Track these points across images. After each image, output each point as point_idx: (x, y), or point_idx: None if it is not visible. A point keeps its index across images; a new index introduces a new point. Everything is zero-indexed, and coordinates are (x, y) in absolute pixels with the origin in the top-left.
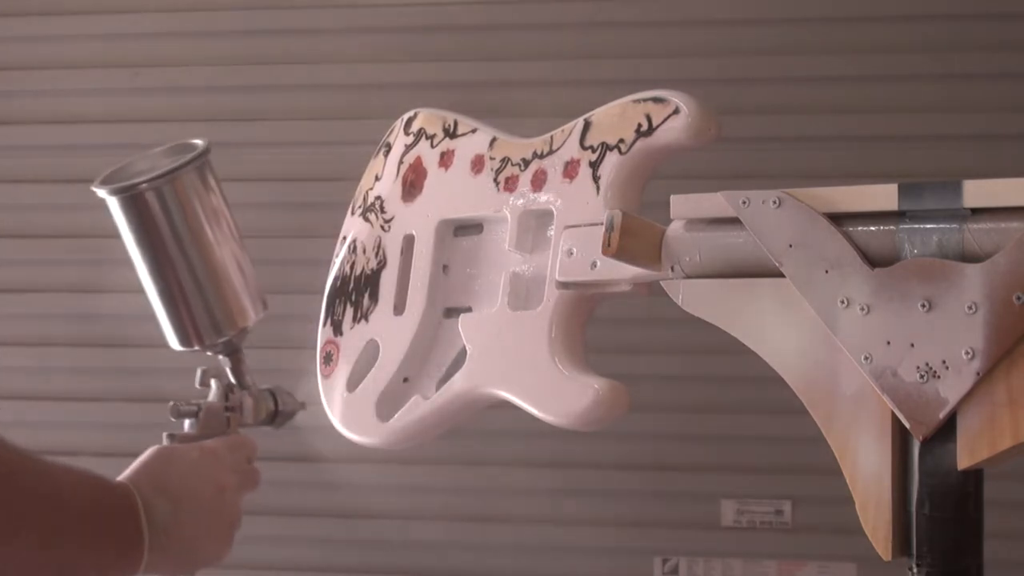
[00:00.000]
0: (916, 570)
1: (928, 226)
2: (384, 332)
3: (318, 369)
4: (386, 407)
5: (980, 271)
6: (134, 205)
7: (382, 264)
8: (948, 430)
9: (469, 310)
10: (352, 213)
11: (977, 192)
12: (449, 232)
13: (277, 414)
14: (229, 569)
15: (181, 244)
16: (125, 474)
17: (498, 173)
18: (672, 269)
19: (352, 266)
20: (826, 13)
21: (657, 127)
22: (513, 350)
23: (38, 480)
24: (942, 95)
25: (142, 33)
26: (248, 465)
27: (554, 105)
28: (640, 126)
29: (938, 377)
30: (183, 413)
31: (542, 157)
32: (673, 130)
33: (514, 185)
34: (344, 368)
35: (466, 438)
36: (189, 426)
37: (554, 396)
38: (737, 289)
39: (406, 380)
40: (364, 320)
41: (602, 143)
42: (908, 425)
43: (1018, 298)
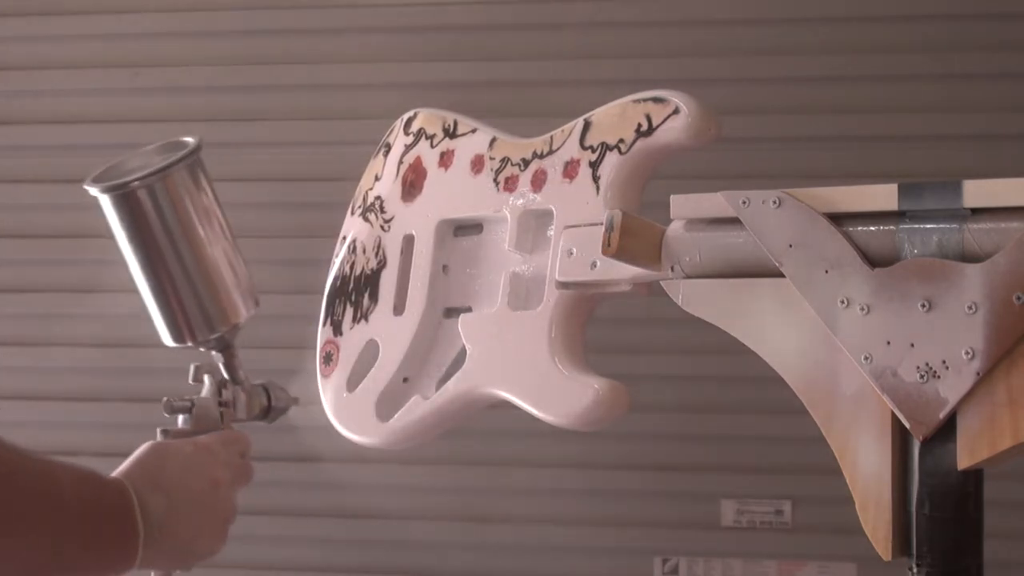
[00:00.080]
0: (916, 570)
1: (928, 226)
2: (384, 332)
3: (318, 369)
4: (386, 407)
5: (980, 271)
6: (126, 203)
7: (382, 264)
8: (948, 430)
9: (469, 310)
10: (352, 213)
11: (977, 192)
12: (449, 232)
13: (270, 409)
14: (230, 569)
15: (173, 241)
16: (119, 470)
17: (498, 173)
18: (672, 269)
19: (352, 266)
20: (826, 13)
21: (657, 127)
22: (513, 350)
23: (35, 479)
24: (942, 95)
25: (142, 33)
26: (241, 460)
27: (554, 105)
28: (640, 126)
29: (938, 377)
30: (176, 409)
31: (542, 157)
32: (673, 130)
33: (514, 185)
34: (344, 368)
35: (466, 438)
36: (182, 422)
37: (554, 396)
38: (737, 289)
39: (406, 380)
40: (364, 320)
41: (602, 143)
42: (908, 425)
43: (1018, 298)
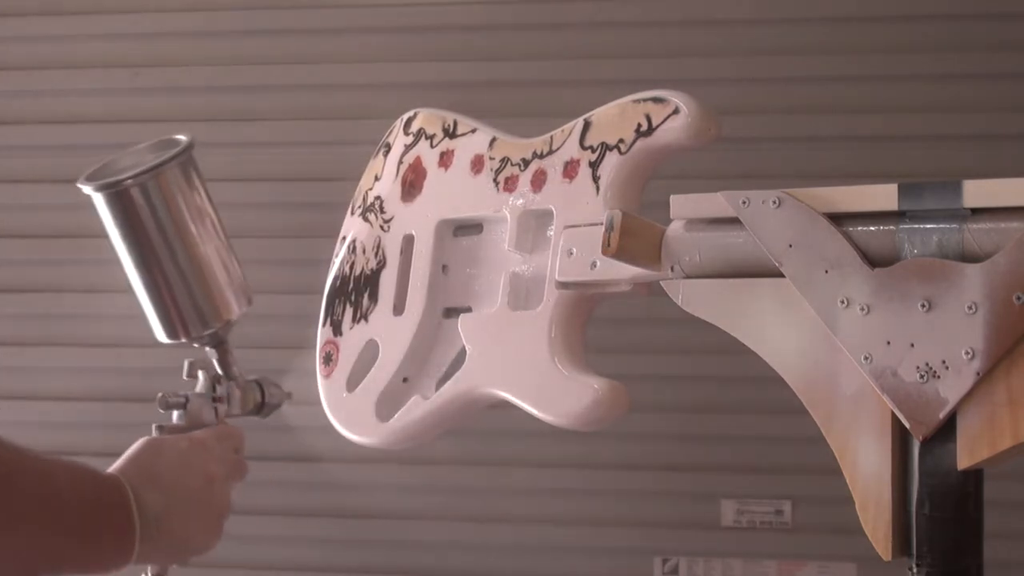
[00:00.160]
0: (916, 570)
1: (928, 226)
2: (384, 332)
3: (318, 369)
4: (386, 407)
5: (980, 271)
6: (119, 201)
7: (382, 264)
8: (948, 430)
9: (469, 310)
10: (352, 213)
11: (977, 192)
12: (449, 232)
13: (264, 405)
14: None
15: (166, 237)
16: (115, 466)
17: (498, 173)
18: (672, 269)
19: (352, 266)
20: (826, 13)
21: (657, 127)
22: (513, 350)
23: (33, 477)
24: (942, 95)
25: (142, 33)
26: (236, 455)
27: (554, 105)
28: (640, 126)
29: (938, 377)
30: (171, 404)
31: (542, 157)
32: (673, 130)
33: (514, 185)
34: (344, 368)
35: (466, 438)
36: (177, 417)
37: (554, 396)
38: (737, 289)
39: (406, 380)
40: (364, 320)
41: (602, 143)
42: (908, 425)
43: (1018, 298)
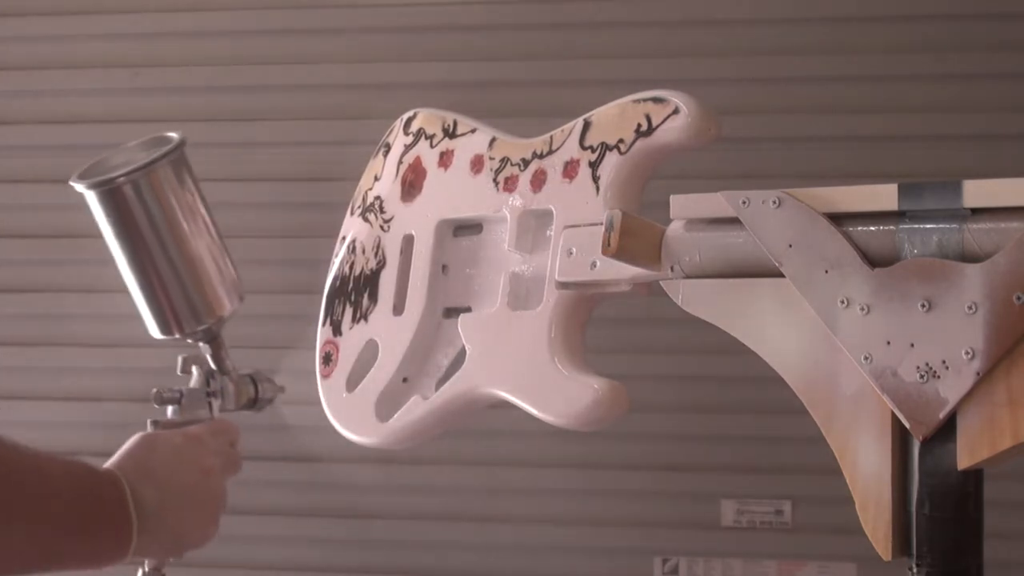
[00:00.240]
0: (916, 570)
1: (928, 226)
2: (383, 332)
3: (317, 369)
4: (385, 407)
5: (980, 271)
6: (112, 198)
7: (381, 264)
8: (948, 430)
9: (469, 310)
10: (351, 213)
11: (977, 192)
12: (448, 232)
13: (257, 399)
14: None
15: (158, 234)
16: (111, 461)
17: (498, 173)
18: (672, 269)
19: (351, 266)
20: (826, 13)
21: (657, 127)
22: (513, 350)
23: (30, 473)
24: (942, 95)
25: (142, 33)
26: (231, 449)
27: (554, 105)
28: (640, 126)
29: (938, 377)
30: (166, 400)
31: (542, 157)
32: (673, 130)
33: (514, 185)
34: (343, 368)
35: (466, 438)
36: (172, 412)
37: (554, 396)
38: (737, 289)
39: (405, 380)
40: (363, 320)
41: (602, 143)
42: (908, 425)
43: (1018, 298)
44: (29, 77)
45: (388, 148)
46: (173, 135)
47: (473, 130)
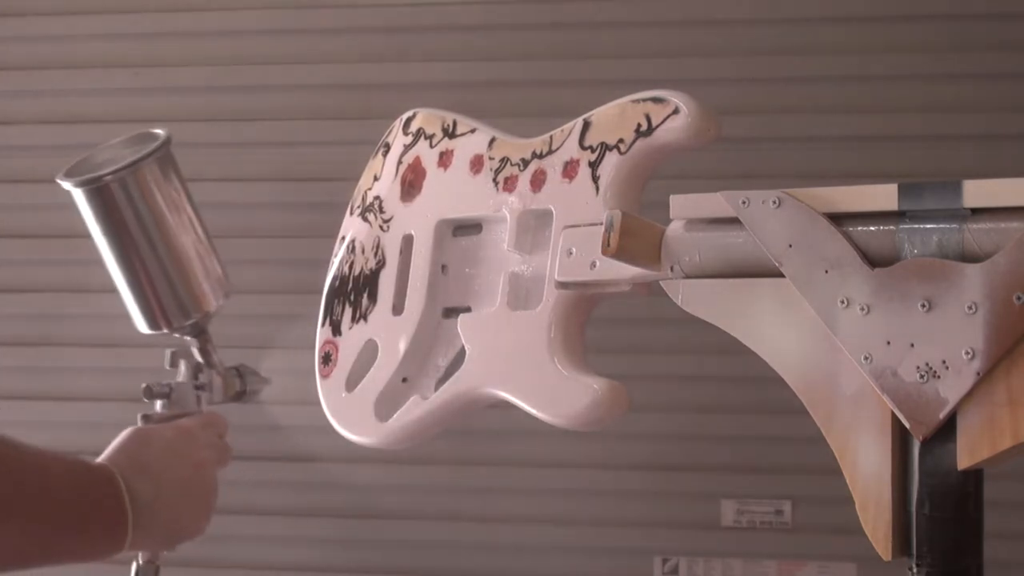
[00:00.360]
0: (916, 570)
1: (928, 226)
2: (383, 332)
3: (317, 369)
4: (385, 407)
5: (980, 271)
6: (99, 196)
7: (381, 264)
8: (948, 430)
9: (468, 310)
10: (351, 213)
11: (977, 192)
12: (448, 232)
13: (244, 392)
14: (230, 569)
15: (145, 230)
16: (104, 456)
17: (497, 173)
18: (672, 269)
19: (351, 266)
20: (826, 13)
21: (657, 127)
22: (512, 350)
23: (25, 469)
24: (942, 95)
25: (142, 33)
26: (221, 441)
27: (554, 105)
28: (640, 126)
29: (938, 377)
30: (156, 394)
31: (541, 157)
32: (673, 130)
33: (513, 185)
34: (343, 368)
35: (466, 438)
36: (161, 406)
37: (553, 396)
38: (737, 289)
39: (405, 380)
40: (363, 320)
41: (601, 143)
42: (908, 425)
43: (1018, 298)
44: (29, 77)
45: (388, 148)
46: (159, 132)
47: (473, 130)
